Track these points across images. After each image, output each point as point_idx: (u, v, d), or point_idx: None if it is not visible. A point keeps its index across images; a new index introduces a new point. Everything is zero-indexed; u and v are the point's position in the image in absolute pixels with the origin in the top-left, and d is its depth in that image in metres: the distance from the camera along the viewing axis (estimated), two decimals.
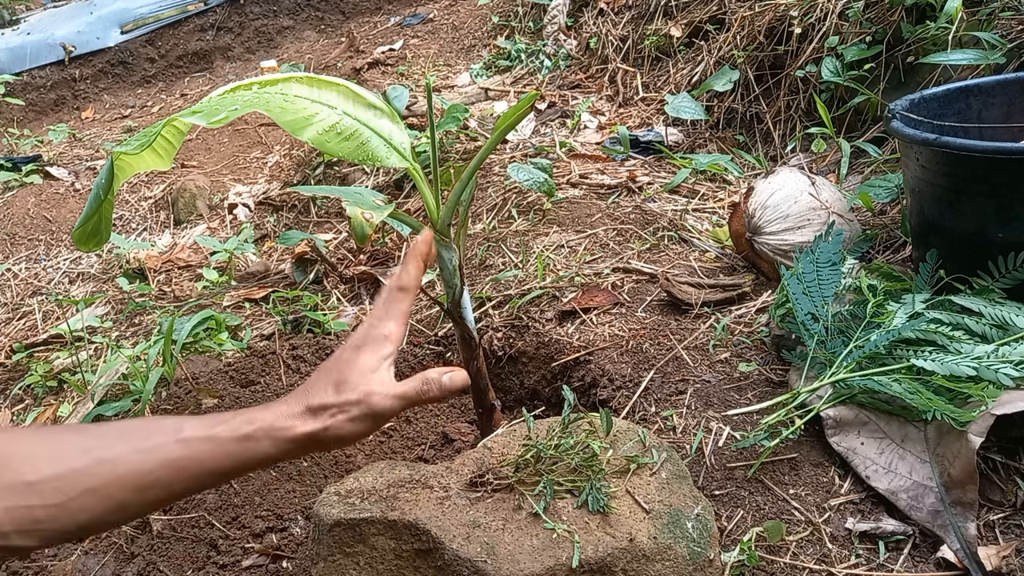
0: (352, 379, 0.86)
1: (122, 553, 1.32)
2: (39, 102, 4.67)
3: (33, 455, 0.72)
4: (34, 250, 2.99)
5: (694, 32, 2.88)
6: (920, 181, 1.35)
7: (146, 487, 0.75)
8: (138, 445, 0.76)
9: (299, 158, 3.22)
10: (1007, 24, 1.87)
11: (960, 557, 0.99)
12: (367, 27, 4.67)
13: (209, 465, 0.78)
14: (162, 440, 0.77)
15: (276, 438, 0.81)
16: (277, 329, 1.95)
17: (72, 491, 0.71)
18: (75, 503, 0.71)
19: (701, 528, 0.97)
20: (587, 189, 2.26)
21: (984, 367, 1.08)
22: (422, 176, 1.23)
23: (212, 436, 0.79)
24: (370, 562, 0.97)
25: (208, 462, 0.78)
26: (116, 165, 1.15)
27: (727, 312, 1.59)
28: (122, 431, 0.80)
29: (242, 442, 0.79)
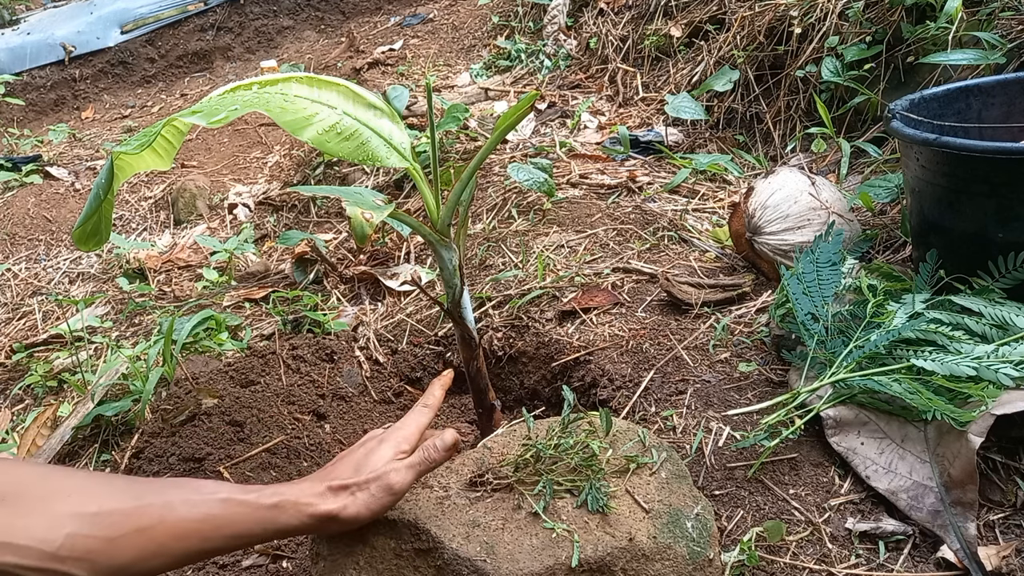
0: (371, 464, 0.94)
1: None
2: (39, 102, 4.67)
3: (91, 490, 0.77)
4: (34, 250, 2.99)
5: (694, 32, 2.88)
6: (920, 181, 1.35)
7: (187, 536, 0.80)
8: (187, 497, 0.83)
9: (299, 158, 3.22)
10: (1007, 24, 1.87)
11: (960, 557, 0.99)
12: (367, 27, 4.67)
13: (240, 527, 0.84)
14: (207, 497, 0.84)
15: (300, 512, 0.88)
16: (277, 329, 1.95)
17: (126, 527, 0.76)
18: (125, 539, 0.75)
19: (701, 528, 0.97)
20: (587, 189, 2.26)
21: (984, 367, 1.08)
22: (422, 176, 1.23)
23: (246, 501, 0.85)
24: (370, 562, 0.97)
25: (240, 524, 0.84)
26: (116, 165, 1.15)
27: (727, 312, 1.59)
28: (171, 483, 0.86)
29: (271, 510, 0.86)
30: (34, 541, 0.70)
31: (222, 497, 0.84)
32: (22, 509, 0.70)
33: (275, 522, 0.86)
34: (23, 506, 0.71)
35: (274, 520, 0.86)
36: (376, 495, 0.92)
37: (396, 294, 2.07)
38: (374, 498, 0.92)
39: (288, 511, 0.87)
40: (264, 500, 0.86)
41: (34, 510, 0.71)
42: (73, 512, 0.73)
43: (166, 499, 0.80)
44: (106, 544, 0.74)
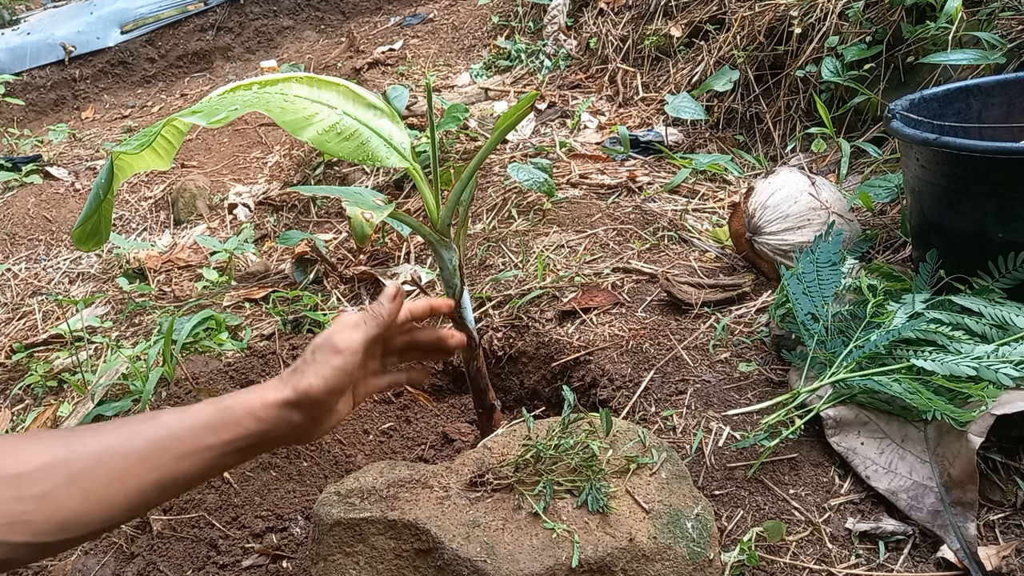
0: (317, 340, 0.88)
1: (122, 553, 1.32)
2: (39, 102, 4.67)
3: (17, 451, 0.71)
4: (34, 250, 2.99)
5: (694, 32, 2.88)
6: (920, 181, 1.35)
7: (132, 470, 0.73)
8: (126, 430, 0.76)
9: (299, 158, 3.22)
10: (1007, 24, 1.87)
11: (960, 557, 0.99)
12: (367, 27, 4.67)
13: (189, 443, 0.76)
14: (147, 423, 0.77)
15: (250, 407, 0.80)
16: (277, 329, 1.95)
17: (57, 478, 0.69)
18: (59, 491, 0.69)
19: (701, 528, 0.97)
20: (587, 189, 2.26)
21: (984, 367, 1.08)
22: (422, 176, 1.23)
23: (191, 411, 0.79)
24: (370, 562, 0.97)
25: (189, 440, 0.77)
26: (116, 165, 1.15)
27: (727, 312, 1.59)
28: (109, 423, 0.79)
29: (220, 413, 0.79)
30: None
31: (164, 420, 0.77)
32: None
33: (227, 426, 0.79)
34: None
35: (225, 423, 0.78)
36: (323, 360, 0.85)
37: None
38: (321, 364, 0.85)
39: (237, 411, 0.80)
40: (209, 407, 0.79)
41: None
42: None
43: (101, 439, 0.74)
44: (39, 501, 0.68)
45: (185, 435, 0.77)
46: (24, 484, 0.68)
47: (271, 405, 0.82)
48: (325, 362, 0.85)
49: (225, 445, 0.79)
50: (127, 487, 0.73)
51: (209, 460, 0.78)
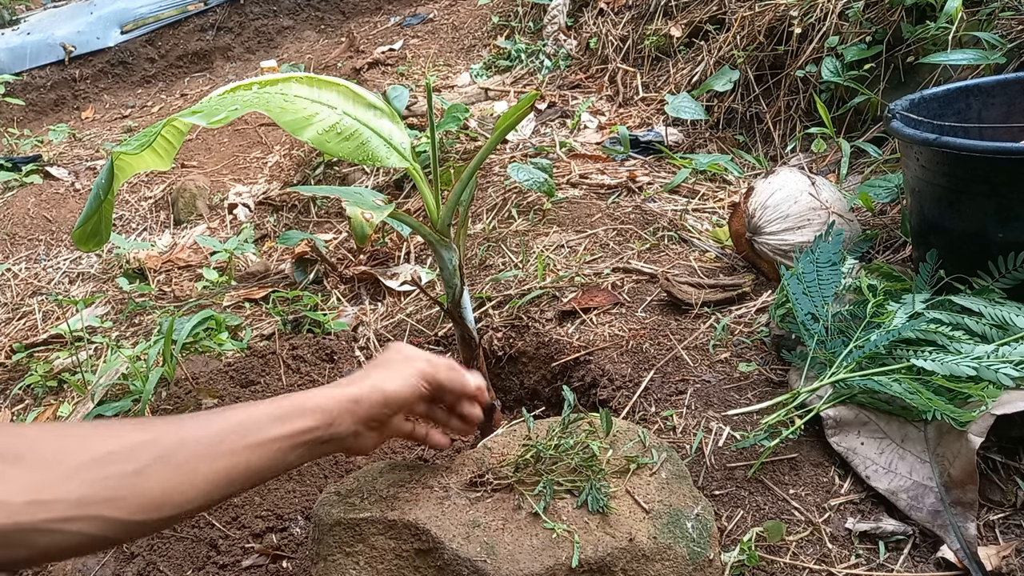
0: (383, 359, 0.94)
1: (122, 553, 1.32)
2: (39, 102, 4.67)
3: (104, 433, 0.74)
4: (34, 250, 2.99)
5: (694, 32, 2.88)
6: (920, 181, 1.35)
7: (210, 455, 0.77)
8: (203, 419, 0.80)
9: (299, 158, 3.22)
10: (1007, 24, 1.87)
11: (960, 557, 0.99)
12: (367, 27, 4.67)
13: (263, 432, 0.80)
14: (222, 413, 0.81)
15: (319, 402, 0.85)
16: (277, 329, 1.95)
17: (146, 458, 0.72)
18: (150, 470, 0.72)
19: (701, 528, 0.97)
20: (587, 189, 2.26)
21: (984, 367, 1.08)
22: (422, 176, 1.24)
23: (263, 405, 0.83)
24: (370, 562, 0.97)
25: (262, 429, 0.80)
26: (116, 165, 1.15)
27: (727, 312, 1.59)
28: (185, 416, 0.83)
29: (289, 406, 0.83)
30: (58, 492, 0.68)
31: (236, 411, 0.82)
32: (38, 464, 0.69)
33: (295, 417, 0.83)
34: (41, 461, 0.69)
35: (293, 414, 0.83)
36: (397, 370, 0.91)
37: (396, 294, 2.07)
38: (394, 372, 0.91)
39: (307, 404, 0.85)
40: (278, 400, 0.85)
41: (53, 463, 0.69)
42: (92, 457, 0.71)
43: (180, 424, 0.78)
44: (131, 479, 0.71)
45: (257, 424, 0.81)
46: (117, 461, 0.71)
47: (339, 397, 0.86)
48: (399, 372, 0.91)
49: (292, 437, 0.83)
50: (207, 471, 0.76)
51: (277, 453, 0.82)
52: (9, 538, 0.65)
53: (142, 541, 1.32)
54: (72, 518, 0.68)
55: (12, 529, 0.65)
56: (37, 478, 0.68)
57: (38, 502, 0.67)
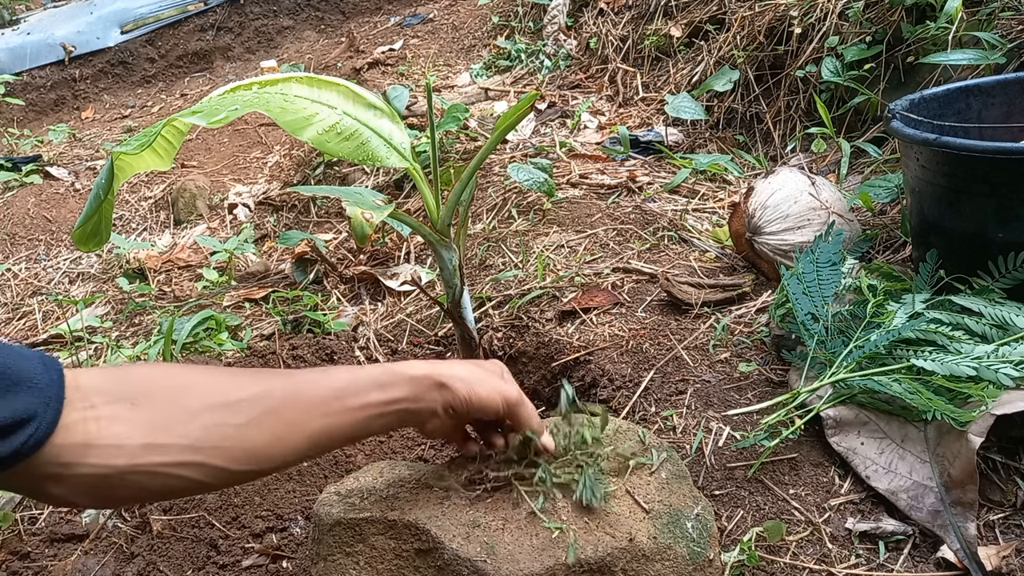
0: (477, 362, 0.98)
1: (122, 553, 1.32)
2: (39, 102, 4.67)
3: (217, 381, 0.78)
4: (34, 250, 2.99)
5: (694, 32, 2.88)
6: (920, 181, 1.35)
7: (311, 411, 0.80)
8: (311, 378, 0.84)
9: (299, 158, 3.22)
10: (1007, 24, 1.87)
11: (960, 557, 0.99)
12: (367, 27, 4.67)
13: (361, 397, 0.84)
14: (330, 375, 0.86)
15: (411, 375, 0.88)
16: (277, 329, 1.95)
17: (255, 411, 0.76)
18: (256, 422, 0.76)
19: (701, 528, 0.97)
20: (587, 189, 2.26)
21: (984, 367, 1.08)
22: (422, 176, 1.24)
23: (364, 369, 0.88)
24: (370, 562, 0.97)
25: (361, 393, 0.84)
26: (116, 165, 1.15)
27: (727, 312, 1.59)
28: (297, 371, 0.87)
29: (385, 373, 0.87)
30: (172, 437, 0.71)
31: (342, 374, 0.86)
32: (155, 408, 0.72)
33: (391, 385, 0.87)
34: (155, 405, 0.72)
35: (390, 382, 0.87)
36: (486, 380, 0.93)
37: (396, 294, 2.07)
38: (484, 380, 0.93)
39: (399, 373, 0.88)
40: (377, 367, 0.89)
41: (166, 407, 0.72)
42: (204, 404, 0.74)
43: (291, 380, 0.82)
44: (238, 430, 0.74)
45: (359, 388, 0.85)
46: (230, 412, 0.75)
47: (434, 375, 0.90)
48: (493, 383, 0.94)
49: (385, 404, 0.86)
50: (304, 429, 0.80)
51: (368, 418, 0.85)
52: (125, 479, 0.69)
53: (142, 541, 1.33)
54: (182, 463, 0.71)
55: (128, 471, 0.69)
56: (154, 421, 0.71)
57: (153, 445, 0.70)
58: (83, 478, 0.68)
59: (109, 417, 0.69)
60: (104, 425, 0.68)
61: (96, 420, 0.68)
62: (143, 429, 0.70)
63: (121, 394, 0.71)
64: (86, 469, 0.67)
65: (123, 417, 0.69)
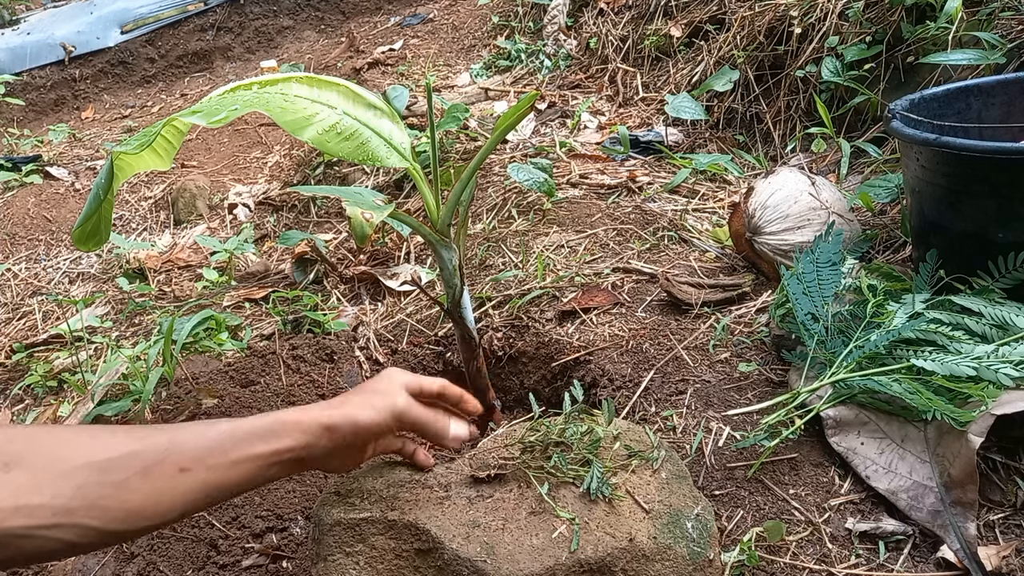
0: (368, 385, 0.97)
1: (122, 553, 1.32)
2: (39, 102, 4.67)
3: (97, 440, 0.76)
4: (34, 250, 2.99)
5: (694, 32, 2.88)
6: (920, 181, 1.35)
7: (192, 467, 0.79)
8: (192, 431, 0.82)
9: (299, 158, 3.22)
10: (1007, 24, 1.87)
11: (960, 557, 0.99)
12: (367, 27, 4.67)
13: (244, 450, 0.83)
14: (211, 427, 0.84)
15: (298, 425, 0.88)
16: (277, 329, 1.95)
17: (132, 469, 0.75)
18: (133, 481, 0.74)
19: (701, 528, 0.97)
20: (587, 189, 2.26)
21: (984, 367, 1.08)
22: (422, 176, 1.24)
23: (247, 422, 0.85)
24: (370, 562, 0.97)
25: (243, 447, 0.83)
26: (116, 165, 1.15)
27: (727, 312, 1.59)
28: (178, 425, 0.86)
29: (272, 425, 0.86)
30: (44, 499, 0.69)
31: (224, 427, 0.84)
32: (28, 470, 0.70)
33: (276, 436, 0.86)
34: (28, 467, 0.70)
35: (275, 433, 0.86)
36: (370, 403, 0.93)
37: (396, 294, 2.07)
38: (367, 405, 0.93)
39: (287, 423, 0.87)
40: (262, 418, 0.87)
41: (41, 469, 0.71)
42: (80, 464, 0.72)
43: (171, 435, 0.80)
44: (115, 489, 0.73)
45: (240, 441, 0.83)
46: (103, 471, 0.73)
47: (317, 421, 0.89)
48: (374, 404, 0.93)
49: (272, 455, 0.86)
50: (187, 485, 0.79)
51: (256, 469, 0.85)
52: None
53: (142, 541, 1.32)
54: (54, 525, 0.70)
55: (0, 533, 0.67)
56: (26, 483, 0.69)
57: (25, 507, 0.69)
58: None
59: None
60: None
61: None
62: (15, 491, 0.68)
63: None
64: None
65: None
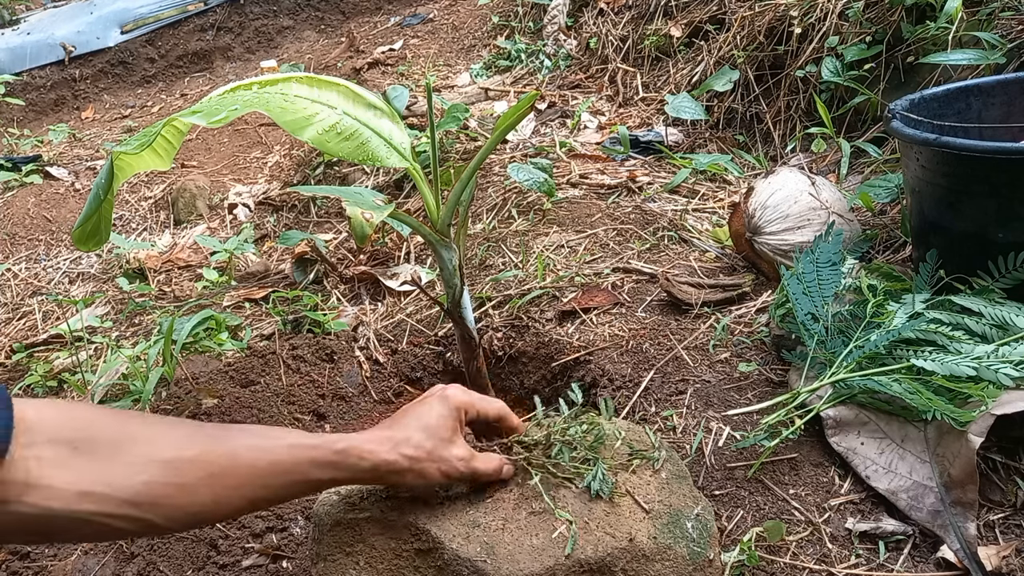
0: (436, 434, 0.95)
1: (122, 553, 1.32)
2: (39, 102, 4.67)
3: (163, 436, 0.77)
4: (34, 250, 2.99)
5: (694, 32, 2.88)
6: (920, 181, 1.35)
7: (251, 483, 0.81)
8: (254, 443, 0.83)
9: (299, 158, 3.22)
10: (1007, 24, 1.87)
11: (960, 557, 0.99)
12: (367, 27, 4.67)
13: (307, 471, 0.84)
14: (276, 443, 0.84)
15: (362, 458, 0.88)
16: (277, 329, 1.95)
17: (197, 474, 0.76)
18: (196, 486, 0.76)
19: (701, 528, 0.97)
20: (587, 189, 2.26)
21: (984, 367, 1.08)
22: (422, 176, 1.24)
23: (315, 445, 0.86)
24: (370, 562, 0.97)
25: (307, 469, 0.84)
26: (116, 165, 1.15)
27: (727, 312, 1.59)
28: (238, 429, 0.86)
29: (338, 455, 0.86)
30: (111, 489, 0.71)
31: (289, 443, 0.85)
32: (96, 457, 0.71)
33: (337, 468, 0.86)
34: (96, 454, 0.72)
35: (336, 466, 0.86)
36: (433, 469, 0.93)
37: (396, 294, 2.07)
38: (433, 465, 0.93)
39: (351, 458, 0.87)
40: (331, 445, 0.87)
41: (109, 457, 0.72)
42: (147, 459, 0.74)
43: (233, 446, 0.81)
44: (178, 491, 0.75)
45: (301, 467, 0.84)
46: (172, 471, 0.75)
47: (380, 464, 0.89)
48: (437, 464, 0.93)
49: (329, 483, 0.89)
50: (242, 497, 0.80)
51: (310, 491, 0.88)
52: (55, 523, 0.69)
53: (142, 541, 1.33)
54: (116, 515, 0.71)
55: (63, 515, 0.69)
56: (93, 470, 0.71)
57: (91, 494, 0.70)
58: (19, 516, 0.68)
59: (50, 459, 0.69)
60: (45, 466, 0.68)
61: (37, 459, 0.68)
62: (83, 477, 0.70)
63: (64, 436, 0.70)
64: (23, 508, 0.68)
65: (64, 462, 0.69)
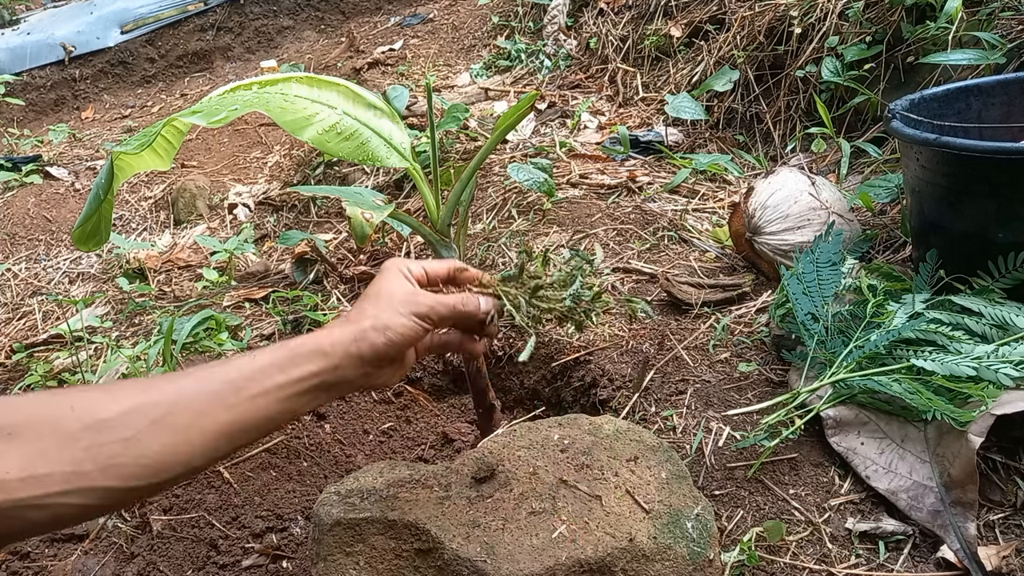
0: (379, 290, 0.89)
1: (122, 553, 1.32)
2: (39, 102, 4.67)
3: (97, 399, 0.72)
4: (34, 250, 2.99)
5: (694, 32, 2.88)
6: (920, 181, 1.35)
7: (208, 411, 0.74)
8: (199, 374, 0.77)
9: (299, 158, 3.22)
10: (1007, 24, 1.87)
11: (960, 557, 0.99)
12: (367, 27, 4.67)
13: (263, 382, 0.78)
14: (220, 367, 0.78)
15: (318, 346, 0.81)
16: (277, 329, 1.95)
17: (141, 422, 0.71)
18: (144, 434, 0.70)
19: (701, 528, 0.97)
20: (587, 189, 2.26)
21: (984, 367, 1.08)
22: (422, 176, 1.24)
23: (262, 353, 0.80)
24: (370, 562, 0.97)
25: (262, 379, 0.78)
26: (116, 165, 1.15)
27: (727, 312, 1.59)
28: (181, 371, 0.80)
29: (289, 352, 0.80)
30: (51, 466, 0.66)
31: (235, 363, 0.79)
32: (32, 438, 0.67)
33: (295, 362, 0.80)
34: (32, 435, 0.67)
35: (293, 360, 0.80)
36: (393, 316, 0.86)
37: None
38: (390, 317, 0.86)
39: (306, 347, 0.81)
40: (278, 348, 0.81)
41: (44, 435, 0.67)
42: (85, 424, 0.68)
43: (179, 384, 0.75)
44: (126, 445, 0.69)
45: (257, 375, 0.78)
46: (110, 429, 0.69)
47: (340, 341, 0.82)
48: (386, 318, 0.86)
49: (294, 384, 0.80)
50: (204, 429, 0.74)
51: (278, 402, 0.79)
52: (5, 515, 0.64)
53: (142, 541, 1.33)
54: (67, 491, 0.67)
55: (9, 506, 0.64)
56: (31, 452, 0.66)
57: (33, 477, 0.65)
58: None
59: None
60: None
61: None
62: (20, 461, 0.65)
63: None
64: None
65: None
